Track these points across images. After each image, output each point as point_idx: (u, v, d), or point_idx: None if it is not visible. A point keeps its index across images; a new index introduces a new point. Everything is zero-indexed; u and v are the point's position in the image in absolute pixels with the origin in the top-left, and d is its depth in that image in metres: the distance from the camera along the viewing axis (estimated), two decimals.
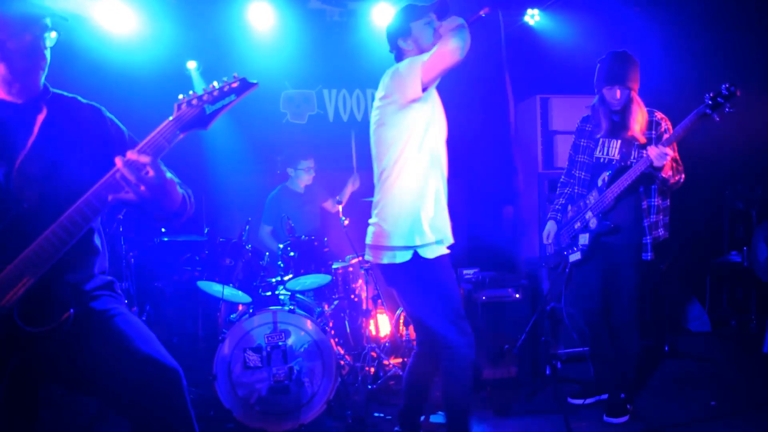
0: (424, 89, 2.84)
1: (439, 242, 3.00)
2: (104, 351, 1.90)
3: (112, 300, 2.10)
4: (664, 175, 3.50)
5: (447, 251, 3.07)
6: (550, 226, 4.09)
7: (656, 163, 3.43)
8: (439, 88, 2.99)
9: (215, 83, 1.91)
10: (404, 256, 2.93)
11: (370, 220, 3.11)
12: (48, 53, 1.97)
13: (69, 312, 1.82)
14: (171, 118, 1.87)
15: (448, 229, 3.09)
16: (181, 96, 1.89)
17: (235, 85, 1.93)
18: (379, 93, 3.01)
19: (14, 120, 1.93)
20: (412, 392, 3.32)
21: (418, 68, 2.82)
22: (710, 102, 3.34)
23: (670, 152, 3.44)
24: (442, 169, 3.04)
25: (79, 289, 1.99)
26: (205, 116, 1.90)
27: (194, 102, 1.89)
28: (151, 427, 1.91)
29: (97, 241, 2.11)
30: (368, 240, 3.11)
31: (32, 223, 1.81)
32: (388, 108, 2.93)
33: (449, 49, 2.76)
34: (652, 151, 3.43)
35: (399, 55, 3.13)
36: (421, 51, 2.98)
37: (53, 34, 1.96)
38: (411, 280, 2.98)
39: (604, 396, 4.05)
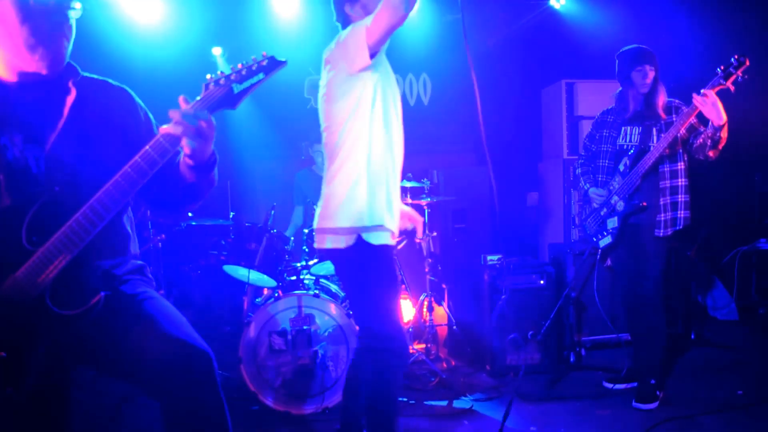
0: (372, 55, 2.57)
1: (384, 228, 2.71)
2: (133, 335, 1.90)
3: (143, 284, 2.10)
4: (716, 123, 3.49)
5: (393, 241, 2.78)
6: (594, 190, 4.02)
7: (702, 106, 3.46)
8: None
9: (244, 62, 1.88)
10: (348, 241, 2.66)
11: (319, 203, 2.82)
12: (73, 24, 1.94)
13: (99, 295, 1.82)
14: (198, 98, 1.85)
15: (396, 217, 2.80)
16: (209, 76, 1.87)
17: (263, 63, 1.89)
18: (325, 63, 2.75)
19: (43, 101, 1.93)
20: (350, 392, 2.97)
21: (362, 33, 2.55)
22: (722, 73, 3.48)
23: (712, 94, 3.47)
24: (395, 146, 2.79)
25: (110, 274, 2.00)
26: (233, 95, 1.86)
27: (222, 81, 1.86)
28: (181, 409, 1.90)
29: (127, 225, 2.13)
30: (315, 223, 2.83)
31: (63, 206, 1.82)
32: (336, 79, 2.67)
33: (391, 5, 2.42)
34: (698, 99, 3.47)
35: (345, 23, 2.82)
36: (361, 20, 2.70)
37: (78, 5, 1.92)
38: (356, 266, 2.72)
39: (635, 384, 4.06)
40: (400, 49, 6.28)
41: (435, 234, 5.03)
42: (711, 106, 3.45)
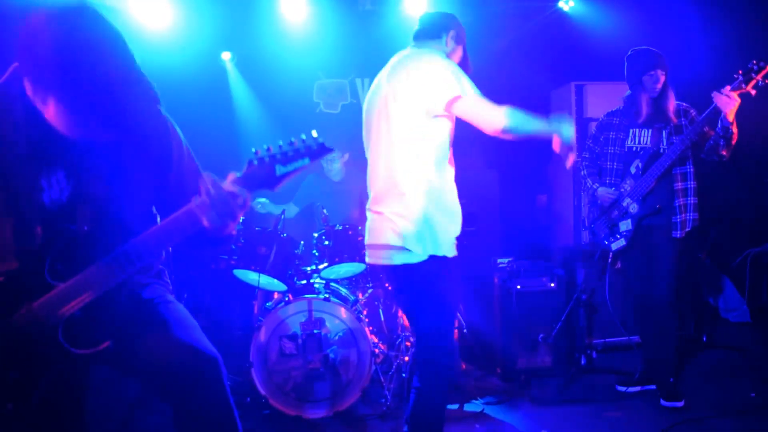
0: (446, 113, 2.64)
1: (453, 241, 2.78)
2: (147, 339, 1.92)
3: (160, 288, 2.12)
4: (729, 120, 3.52)
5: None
6: (603, 190, 3.97)
7: (726, 107, 3.47)
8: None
9: (294, 140, 1.80)
10: (421, 256, 2.65)
11: (392, 216, 2.71)
12: None
13: (107, 343, 1.81)
14: (240, 174, 1.79)
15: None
16: (253, 149, 1.79)
17: (312, 147, 1.81)
18: (392, 95, 2.70)
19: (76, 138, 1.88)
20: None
21: (448, 96, 2.58)
22: (742, 77, 3.47)
23: (736, 96, 3.47)
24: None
25: (132, 279, 2.00)
26: (275, 177, 1.79)
27: (266, 160, 1.78)
28: (191, 413, 1.92)
29: None
30: (380, 239, 2.74)
31: (90, 245, 1.81)
32: (405, 108, 2.67)
33: (496, 124, 2.57)
34: (719, 97, 3.48)
35: (430, 35, 2.90)
36: (446, 55, 2.83)
37: None
38: (427, 281, 2.69)
39: (650, 386, 4.07)
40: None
41: None
42: (734, 106, 3.46)
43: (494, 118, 2.58)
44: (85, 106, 1.73)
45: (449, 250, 2.70)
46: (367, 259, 2.89)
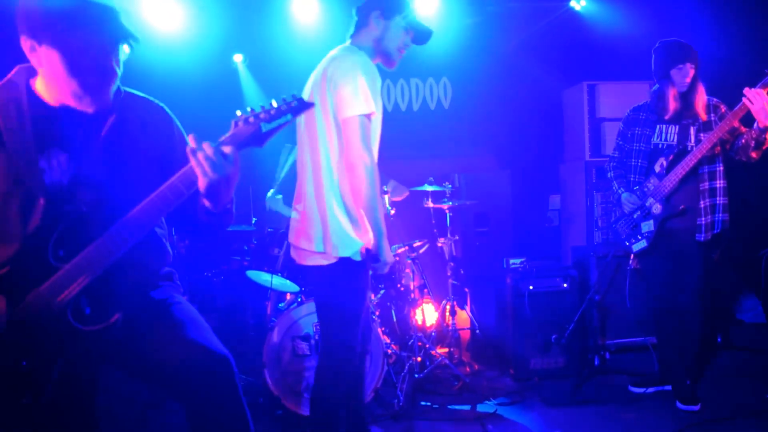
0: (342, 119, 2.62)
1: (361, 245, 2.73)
2: (159, 339, 1.95)
3: (171, 289, 2.15)
4: (763, 125, 3.38)
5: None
6: (627, 196, 3.86)
7: (752, 106, 3.33)
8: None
9: (273, 102, 1.89)
10: (331, 259, 2.68)
11: (303, 217, 2.77)
12: (120, 68, 1.94)
13: (117, 315, 1.86)
14: (227, 134, 1.86)
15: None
16: (238, 112, 1.88)
17: (292, 104, 1.90)
18: (330, 82, 2.70)
19: (85, 122, 1.95)
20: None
21: (343, 113, 2.59)
22: None
23: (764, 94, 3.33)
24: None
25: (141, 280, 2.04)
26: (261, 134, 1.89)
27: (251, 120, 1.87)
28: (203, 413, 1.95)
29: (161, 236, 2.15)
30: (291, 238, 2.84)
31: (91, 226, 1.86)
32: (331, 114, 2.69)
33: (356, 156, 2.53)
34: (749, 97, 3.33)
35: (360, 24, 2.88)
36: (378, 43, 2.83)
37: (126, 48, 1.93)
38: (337, 283, 2.72)
39: (666, 387, 4.03)
40: (420, 53, 6.28)
41: (457, 238, 5.02)
42: (763, 105, 3.32)
43: (361, 152, 2.54)
44: (78, 53, 1.83)
45: (357, 254, 2.67)
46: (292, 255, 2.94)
